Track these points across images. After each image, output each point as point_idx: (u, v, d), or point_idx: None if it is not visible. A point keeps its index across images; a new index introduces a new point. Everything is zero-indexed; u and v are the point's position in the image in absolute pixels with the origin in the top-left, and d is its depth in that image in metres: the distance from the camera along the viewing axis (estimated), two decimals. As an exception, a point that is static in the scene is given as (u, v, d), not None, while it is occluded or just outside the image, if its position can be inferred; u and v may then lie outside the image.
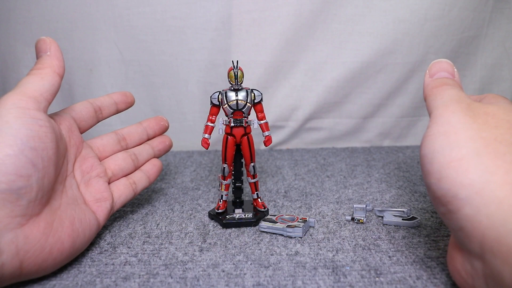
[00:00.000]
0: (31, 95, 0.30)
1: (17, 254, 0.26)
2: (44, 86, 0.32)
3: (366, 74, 0.68)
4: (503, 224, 0.21)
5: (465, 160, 0.24)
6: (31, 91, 0.30)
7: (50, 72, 0.33)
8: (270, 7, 0.64)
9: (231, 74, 0.38)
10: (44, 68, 0.34)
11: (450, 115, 0.27)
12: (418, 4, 0.65)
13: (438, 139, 0.26)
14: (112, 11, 0.65)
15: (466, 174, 0.23)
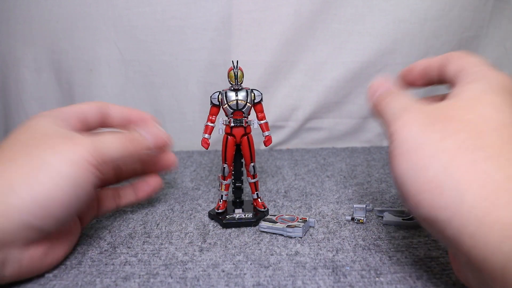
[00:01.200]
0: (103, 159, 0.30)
1: (18, 272, 0.28)
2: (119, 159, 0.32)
3: (366, 74, 0.68)
4: (485, 244, 0.20)
5: (435, 181, 0.22)
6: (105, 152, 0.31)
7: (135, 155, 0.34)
8: (270, 7, 0.64)
9: (231, 74, 0.38)
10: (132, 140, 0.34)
11: (405, 132, 0.25)
12: (418, 4, 0.65)
13: (401, 161, 0.24)
14: (112, 11, 0.65)
15: (440, 197, 0.22)
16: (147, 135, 0.36)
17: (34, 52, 0.67)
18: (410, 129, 0.25)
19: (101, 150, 0.30)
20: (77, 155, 0.28)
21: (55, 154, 0.28)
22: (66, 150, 0.29)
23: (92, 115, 0.37)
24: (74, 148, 0.29)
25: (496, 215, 0.20)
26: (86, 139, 0.30)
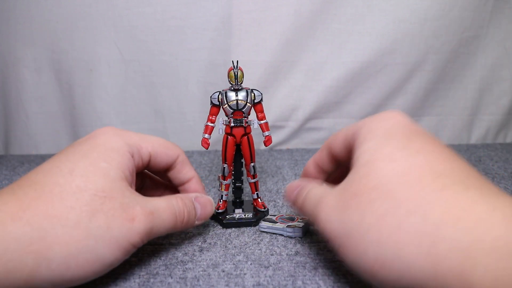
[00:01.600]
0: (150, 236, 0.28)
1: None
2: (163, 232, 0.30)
3: (366, 74, 0.68)
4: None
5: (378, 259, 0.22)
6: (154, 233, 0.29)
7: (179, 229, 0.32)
8: (270, 7, 0.64)
9: (231, 74, 0.38)
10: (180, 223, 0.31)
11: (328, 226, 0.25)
12: (418, 4, 0.65)
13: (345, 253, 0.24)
14: (112, 11, 0.65)
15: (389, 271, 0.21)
16: (198, 212, 0.34)
17: (34, 52, 0.67)
18: (331, 221, 0.25)
19: (153, 231, 0.28)
20: (127, 240, 0.26)
21: (106, 235, 0.25)
22: (119, 232, 0.26)
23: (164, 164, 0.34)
24: (128, 231, 0.26)
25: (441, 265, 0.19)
26: (143, 218, 0.27)
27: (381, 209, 0.22)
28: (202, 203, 0.34)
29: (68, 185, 0.26)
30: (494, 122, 0.76)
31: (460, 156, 0.25)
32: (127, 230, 0.26)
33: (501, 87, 0.74)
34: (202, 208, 0.34)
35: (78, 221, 0.24)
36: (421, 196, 0.22)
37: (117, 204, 0.26)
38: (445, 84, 0.72)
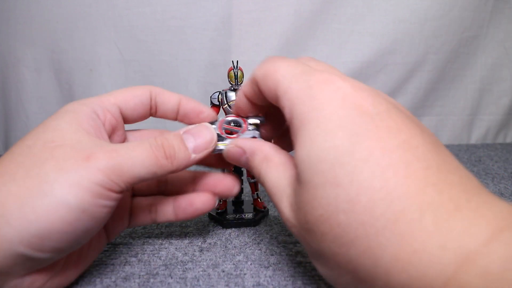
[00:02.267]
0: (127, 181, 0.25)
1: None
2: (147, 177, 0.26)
3: (366, 74, 0.68)
4: None
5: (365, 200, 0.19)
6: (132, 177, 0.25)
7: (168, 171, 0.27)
8: (270, 7, 0.65)
9: (231, 74, 0.38)
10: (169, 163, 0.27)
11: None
12: (418, 4, 0.65)
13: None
14: (112, 11, 0.65)
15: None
16: (191, 143, 0.28)
17: (34, 52, 0.67)
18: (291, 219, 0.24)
19: (121, 169, 0.24)
20: (86, 178, 0.23)
21: (59, 177, 0.23)
22: (74, 171, 0.23)
23: (140, 105, 0.30)
24: (85, 169, 0.23)
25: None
26: (102, 155, 0.24)
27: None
28: (194, 132, 0.29)
29: (19, 148, 0.25)
30: (494, 122, 0.76)
31: (460, 156, 0.25)
32: (83, 169, 0.23)
33: (501, 87, 0.74)
34: (195, 137, 0.29)
35: (27, 173, 0.23)
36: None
37: (68, 149, 0.24)
38: (445, 84, 0.72)
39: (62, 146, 0.24)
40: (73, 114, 0.27)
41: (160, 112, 0.32)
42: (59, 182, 0.23)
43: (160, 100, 0.31)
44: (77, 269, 0.28)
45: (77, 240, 0.24)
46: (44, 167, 0.23)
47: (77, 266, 0.28)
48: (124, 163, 0.24)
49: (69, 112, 0.27)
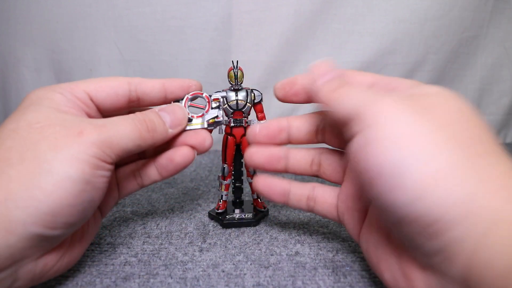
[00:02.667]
0: (117, 152, 0.27)
1: (31, 280, 0.26)
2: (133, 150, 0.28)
3: (366, 74, 0.68)
4: (497, 244, 0.18)
5: (441, 173, 0.19)
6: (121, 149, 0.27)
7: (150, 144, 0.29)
8: (270, 7, 0.64)
9: (231, 74, 0.38)
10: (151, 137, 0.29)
11: (390, 113, 0.21)
12: (418, 4, 0.65)
13: (389, 147, 0.20)
14: (112, 11, 0.65)
15: (450, 191, 0.19)
16: (168, 120, 0.31)
17: (34, 52, 0.67)
18: (396, 111, 0.21)
19: (111, 142, 0.26)
20: (83, 152, 0.25)
21: (56, 154, 0.24)
22: (69, 147, 0.24)
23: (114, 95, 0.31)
24: (79, 144, 0.25)
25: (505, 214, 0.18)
26: (93, 130, 0.26)
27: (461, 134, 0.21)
28: (169, 110, 0.32)
29: (2, 133, 0.25)
30: (494, 122, 0.76)
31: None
32: (78, 144, 0.25)
33: (501, 87, 0.74)
34: (170, 115, 0.31)
35: (22, 156, 0.24)
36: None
37: (57, 128, 0.25)
38: (445, 84, 0.72)
39: (50, 126, 0.25)
40: (48, 99, 0.28)
41: (146, 101, 0.33)
42: (58, 159, 0.24)
43: (142, 90, 0.32)
44: (81, 247, 0.30)
45: (84, 212, 0.26)
46: (38, 148, 0.24)
47: (81, 243, 0.30)
48: (113, 137, 0.26)
49: (43, 99, 0.28)
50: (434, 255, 0.20)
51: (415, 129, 0.21)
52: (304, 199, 0.32)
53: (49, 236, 0.24)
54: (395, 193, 0.20)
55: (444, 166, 0.19)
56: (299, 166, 0.33)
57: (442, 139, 0.20)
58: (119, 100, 0.31)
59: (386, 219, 0.23)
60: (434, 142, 0.20)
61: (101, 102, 0.31)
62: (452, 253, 0.19)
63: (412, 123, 0.21)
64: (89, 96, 0.30)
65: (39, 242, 0.24)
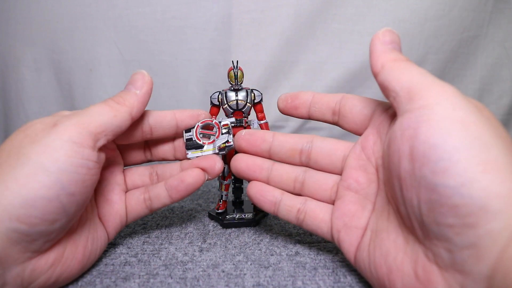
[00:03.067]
0: (93, 131, 0.26)
1: (21, 286, 0.25)
2: (112, 124, 0.27)
3: (366, 74, 0.68)
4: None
5: (496, 163, 0.19)
6: (96, 126, 0.26)
7: (127, 112, 0.29)
8: (270, 7, 0.65)
9: (231, 74, 0.38)
10: (122, 105, 0.29)
11: (456, 99, 0.22)
12: (418, 4, 0.65)
13: (454, 128, 0.20)
14: (112, 11, 0.65)
15: (496, 183, 0.19)
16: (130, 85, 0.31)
17: (34, 52, 0.67)
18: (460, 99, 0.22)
19: (84, 121, 0.26)
20: (58, 139, 0.24)
21: (33, 147, 0.24)
22: (44, 138, 0.24)
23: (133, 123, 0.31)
24: (53, 133, 0.24)
25: None
26: (65, 118, 0.26)
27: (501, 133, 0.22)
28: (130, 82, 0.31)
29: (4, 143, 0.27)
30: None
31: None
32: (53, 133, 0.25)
33: (501, 87, 0.74)
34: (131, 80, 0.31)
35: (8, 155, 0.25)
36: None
37: (38, 125, 0.26)
38: (445, 84, 0.72)
39: (32, 125, 0.26)
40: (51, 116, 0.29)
41: (159, 131, 0.33)
42: (34, 151, 0.24)
43: (154, 119, 0.33)
44: (79, 265, 0.28)
45: (64, 207, 0.24)
46: (21, 145, 0.25)
47: (80, 261, 0.28)
48: (84, 117, 0.26)
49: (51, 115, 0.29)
50: (464, 249, 0.20)
51: (471, 117, 0.21)
52: (294, 211, 0.31)
53: (27, 233, 0.23)
54: (444, 175, 0.20)
55: (493, 158, 0.20)
56: (281, 180, 0.32)
57: (493, 133, 0.21)
58: (133, 128, 0.32)
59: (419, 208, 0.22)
60: (488, 134, 0.20)
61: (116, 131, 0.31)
62: (484, 248, 0.19)
63: (469, 112, 0.21)
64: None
65: (19, 241, 0.23)
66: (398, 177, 0.23)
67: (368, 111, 0.29)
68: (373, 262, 0.26)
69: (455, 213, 0.20)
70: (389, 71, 0.25)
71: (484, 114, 0.22)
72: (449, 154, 0.20)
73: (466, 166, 0.19)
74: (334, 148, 0.31)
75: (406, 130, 0.22)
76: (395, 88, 0.24)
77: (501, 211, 0.19)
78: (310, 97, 0.32)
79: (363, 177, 0.29)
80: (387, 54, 0.26)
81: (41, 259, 0.25)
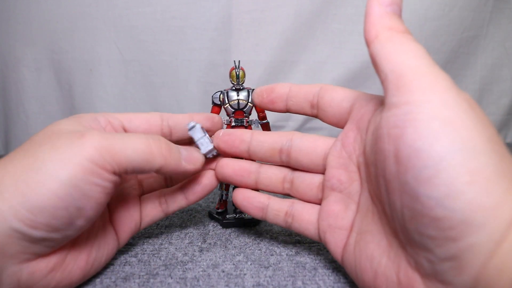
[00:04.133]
0: (117, 162, 0.25)
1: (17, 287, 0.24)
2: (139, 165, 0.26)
3: (366, 74, 0.69)
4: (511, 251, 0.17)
5: (484, 172, 0.18)
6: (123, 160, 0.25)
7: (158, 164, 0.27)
8: (270, 7, 0.65)
9: (233, 74, 0.38)
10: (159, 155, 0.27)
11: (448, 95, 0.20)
12: (418, 4, 0.65)
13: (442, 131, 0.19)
14: (112, 11, 0.65)
15: (482, 195, 0.18)
16: (184, 151, 0.29)
17: (34, 52, 0.67)
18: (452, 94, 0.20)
19: (114, 148, 0.24)
20: (80, 155, 0.23)
21: (53, 153, 0.23)
22: (67, 148, 0.24)
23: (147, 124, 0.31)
24: (77, 146, 0.24)
25: None
26: (96, 135, 0.25)
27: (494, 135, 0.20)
28: (186, 147, 0.30)
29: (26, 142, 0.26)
30: (494, 122, 0.76)
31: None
32: (76, 146, 0.24)
33: (501, 87, 0.74)
34: (186, 151, 0.30)
35: (24, 154, 0.24)
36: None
37: (64, 132, 0.25)
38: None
39: (59, 130, 0.26)
40: (75, 117, 0.28)
41: (178, 132, 0.32)
42: (52, 159, 0.23)
43: (173, 121, 0.32)
44: (82, 271, 0.27)
45: (70, 218, 0.24)
46: (41, 148, 0.24)
47: (82, 268, 0.27)
48: (117, 144, 0.25)
49: (78, 116, 0.28)
50: (445, 261, 0.19)
51: (462, 118, 0.19)
52: (282, 215, 0.31)
53: (29, 236, 0.23)
54: (428, 185, 0.19)
55: (482, 166, 0.18)
56: (270, 182, 0.32)
57: (484, 136, 0.19)
58: (152, 130, 0.31)
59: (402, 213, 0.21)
60: (478, 138, 0.19)
61: (134, 131, 0.31)
62: (465, 261, 0.18)
63: (460, 112, 0.19)
64: (122, 124, 0.30)
65: (19, 241, 0.23)
66: (384, 177, 0.22)
67: (347, 104, 0.28)
68: (359, 265, 0.25)
69: (436, 226, 0.19)
70: (383, 44, 0.22)
71: (476, 112, 0.20)
72: (434, 161, 0.18)
73: (452, 176, 0.18)
74: (313, 145, 0.30)
75: (392, 129, 0.21)
76: (384, 69, 0.22)
77: (484, 224, 0.17)
78: (287, 89, 0.31)
79: (344, 175, 0.28)
80: (384, 19, 0.23)
81: (41, 263, 0.25)
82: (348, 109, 0.28)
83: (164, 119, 0.32)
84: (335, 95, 0.29)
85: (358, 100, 0.28)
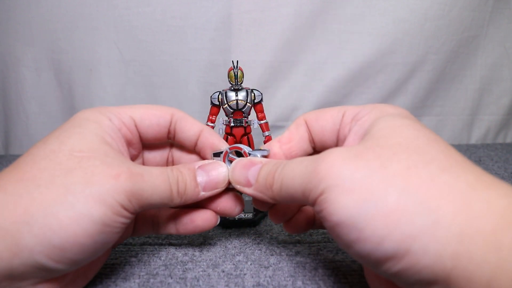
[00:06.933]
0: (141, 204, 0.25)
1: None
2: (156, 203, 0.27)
3: (366, 74, 0.69)
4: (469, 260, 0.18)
5: (399, 209, 0.19)
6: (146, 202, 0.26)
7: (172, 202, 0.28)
8: (270, 7, 0.65)
9: (231, 74, 0.38)
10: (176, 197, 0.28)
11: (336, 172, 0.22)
12: (418, 4, 0.65)
13: (346, 201, 0.21)
14: (112, 11, 0.65)
15: (411, 223, 0.19)
16: (203, 181, 0.29)
17: (34, 52, 0.67)
18: (342, 166, 0.22)
19: (142, 194, 0.25)
20: (111, 196, 0.24)
21: (86, 189, 0.23)
22: (100, 186, 0.23)
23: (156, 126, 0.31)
24: (112, 187, 0.24)
25: (475, 226, 0.18)
26: (130, 177, 0.25)
27: (409, 161, 0.21)
28: (208, 169, 0.30)
29: (42, 151, 0.25)
30: (494, 122, 0.76)
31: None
32: (110, 186, 0.24)
33: (501, 87, 0.74)
34: (207, 176, 0.29)
35: (52, 180, 0.23)
36: (454, 158, 0.21)
37: (97, 162, 0.24)
38: (445, 84, 0.72)
39: (90, 158, 0.25)
40: (95, 124, 0.27)
41: (178, 139, 0.32)
42: (85, 195, 0.23)
43: (180, 127, 0.32)
44: (85, 279, 0.28)
45: (95, 253, 0.25)
46: (71, 177, 0.23)
47: (86, 276, 0.28)
48: (146, 190, 0.25)
49: (91, 122, 0.28)
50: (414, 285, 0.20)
51: (363, 175, 0.21)
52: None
53: (51, 269, 0.23)
54: (358, 244, 0.20)
55: (393, 205, 0.20)
56: None
57: (390, 174, 0.20)
58: (161, 130, 0.31)
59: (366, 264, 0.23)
60: (383, 181, 0.20)
61: (144, 131, 0.30)
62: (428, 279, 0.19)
63: (359, 171, 0.21)
64: (134, 123, 0.30)
65: (40, 271, 0.23)
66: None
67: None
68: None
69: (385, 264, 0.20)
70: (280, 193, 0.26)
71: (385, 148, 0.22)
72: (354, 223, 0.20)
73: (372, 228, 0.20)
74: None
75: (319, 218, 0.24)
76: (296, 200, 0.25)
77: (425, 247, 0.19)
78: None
79: None
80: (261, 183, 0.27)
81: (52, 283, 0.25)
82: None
83: (174, 120, 0.32)
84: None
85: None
